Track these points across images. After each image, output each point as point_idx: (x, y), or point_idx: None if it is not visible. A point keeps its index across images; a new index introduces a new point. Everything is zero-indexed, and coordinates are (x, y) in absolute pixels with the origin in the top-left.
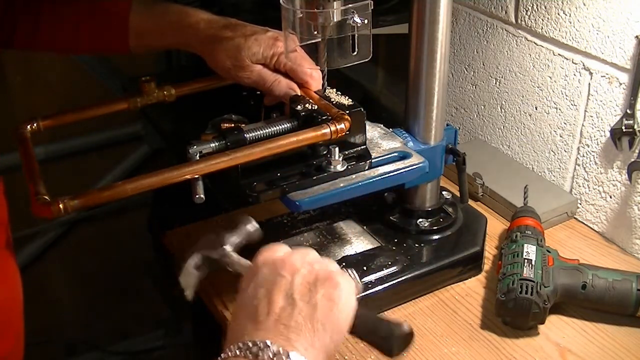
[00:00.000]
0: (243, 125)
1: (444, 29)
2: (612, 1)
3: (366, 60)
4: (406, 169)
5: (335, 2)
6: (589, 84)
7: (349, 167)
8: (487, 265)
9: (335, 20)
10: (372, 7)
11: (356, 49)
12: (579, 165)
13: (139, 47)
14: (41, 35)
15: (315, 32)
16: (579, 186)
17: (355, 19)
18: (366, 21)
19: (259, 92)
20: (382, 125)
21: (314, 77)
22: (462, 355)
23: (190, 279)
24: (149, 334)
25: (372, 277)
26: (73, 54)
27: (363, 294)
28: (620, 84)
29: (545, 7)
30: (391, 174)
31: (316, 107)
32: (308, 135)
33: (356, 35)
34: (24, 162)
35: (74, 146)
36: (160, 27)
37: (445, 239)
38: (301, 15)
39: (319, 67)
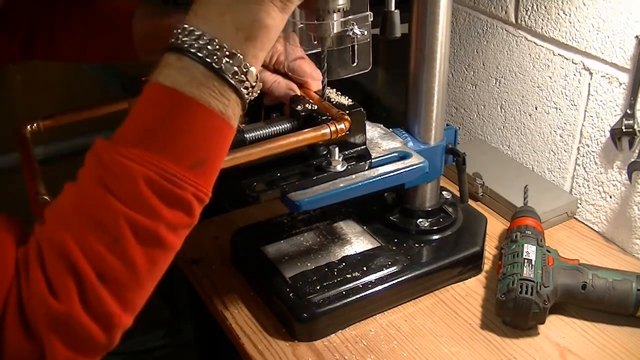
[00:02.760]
0: (243, 125)
1: (444, 29)
2: (612, 1)
3: (366, 71)
4: (406, 169)
5: (335, 14)
6: (589, 84)
7: (349, 167)
8: (487, 265)
9: (334, 32)
10: (372, 8)
11: (356, 60)
12: (579, 165)
13: (144, 52)
14: (56, 48)
15: (315, 43)
16: (579, 186)
17: (355, 30)
18: (366, 32)
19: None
20: (382, 125)
21: (314, 77)
22: (462, 355)
23: None
24: (149, 334)
25: (372, 277)
26: (85, 63)
27: (363, 293)
28: (620, 84)
29: (545, 7)
30: (391, 174)
31: (316, 107)
32: (308, 135)
33: (356, 47)
34: (24, 162)
35: (74, 146)
36: (160, 30)
37: (445, 239)
38: (301, 25)
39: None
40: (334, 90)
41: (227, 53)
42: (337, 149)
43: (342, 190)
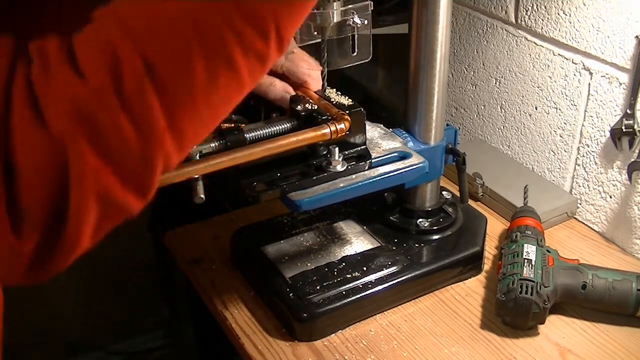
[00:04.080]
0: (243, 125)
1: (444, 29)
2: (612, 1)
3: (366, 60)
4: (406, 169)
5: (334, 3)
6: (589, 84)
7: (349, 167)
8: (487, 265)
9: (335, 21)
10: (372, 8)
11: (356, 50)
12: (579, 165)
13: None
14: None
15: (315, 33)
16: (579, 186)
17: (355, 19)
18: (366, 22)
19: None
20: (382, 125)
21: (313, 76)
22: (462, 355)
23: None
24: (149, 334)
25: (372, 277)
26: None
27: (363, 293)
28: (620, 84)
29: (545, 7)
30: (391, 174)
31: (316, 107)
32: (308, 135)
33: (356, 36)
34: None
35: None
36: None
37: (445, 239)
38: None
39: (317, 68)
40: (334, 90)
41: None
42: (337, 149)
43: (342, 190)
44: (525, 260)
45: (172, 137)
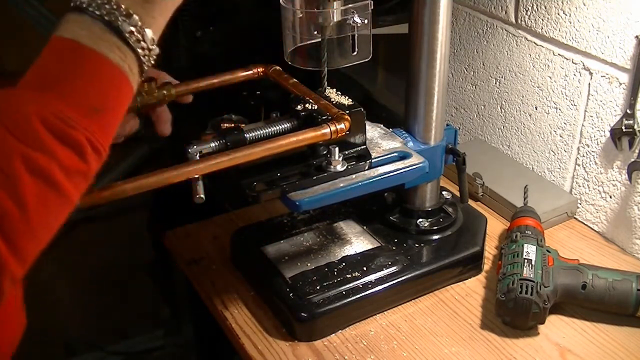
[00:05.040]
0: (243, 125)
1: (444, 29)
2: (612, 1)
3: (366, 60)
4: (406, 169)
5: (335, 2)
6: (589, 84)
7: (349, 167)
8: (487, 265)
9: (335, 20)
10: (372, 7)
11: (356, 49)
12: (579, 165)
13: None
14: None
15: (315, 32)
16: (579, 186)
17: (355, 19)
18: (366, 21)
19: (258, 92)
20: (382, 125)
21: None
22: (462, 355)
23: None
24: (149, 334)
25: (372, 277)
26: None
27: (363, 293)
28: (620, 84)
29: (545, 7)
30: (391, 174)
31: (316, 107)
32: (308, 135)
33: (356, 35)
34: None
35: None
36: None
37: (445, 239)
38: (301, 15)
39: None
40: (334, 90)
41: (124, 13)
42: (337, 149)
43: (342, 190)
44: (525, 260)
45: (15, 260)
